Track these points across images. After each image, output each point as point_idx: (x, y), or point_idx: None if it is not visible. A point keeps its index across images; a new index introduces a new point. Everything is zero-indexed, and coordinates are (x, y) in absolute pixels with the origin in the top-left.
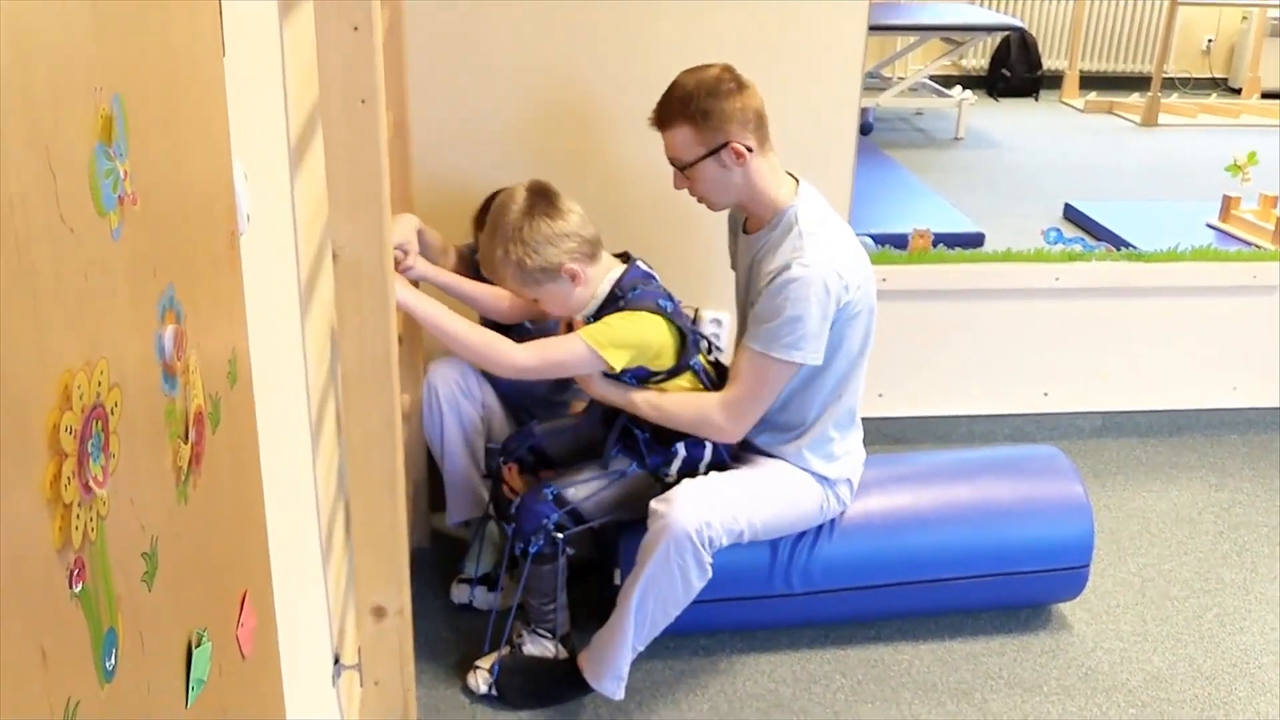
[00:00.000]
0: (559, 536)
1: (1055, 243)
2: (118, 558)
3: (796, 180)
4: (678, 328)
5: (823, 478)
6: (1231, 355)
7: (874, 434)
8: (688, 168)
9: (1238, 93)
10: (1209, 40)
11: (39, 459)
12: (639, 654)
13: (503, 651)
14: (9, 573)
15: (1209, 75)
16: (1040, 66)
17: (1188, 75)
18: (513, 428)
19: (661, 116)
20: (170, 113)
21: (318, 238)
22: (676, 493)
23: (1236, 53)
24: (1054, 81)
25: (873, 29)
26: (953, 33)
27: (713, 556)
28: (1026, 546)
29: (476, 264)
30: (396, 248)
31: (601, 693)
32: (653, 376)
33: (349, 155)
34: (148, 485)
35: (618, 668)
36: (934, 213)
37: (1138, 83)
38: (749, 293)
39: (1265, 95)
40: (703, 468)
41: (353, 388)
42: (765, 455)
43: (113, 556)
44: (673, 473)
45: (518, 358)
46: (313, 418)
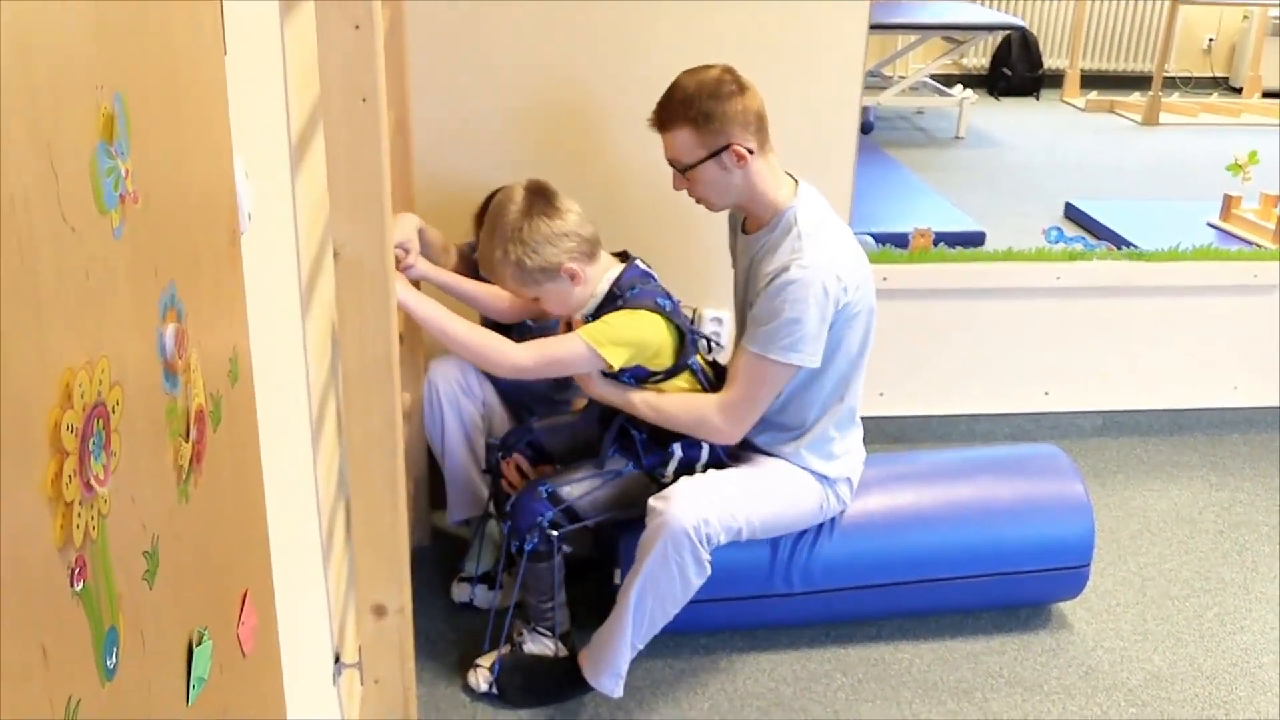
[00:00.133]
0: (553, 534)
1: (1056, 242)
2: (119, 556)
3: (795, 181)
4: (676, 327)
5: (822, 476)
6: (1232, 354)
7: (874, 433)
8: (688, 169)
9: (1239, 92)
10: (1210, 39)
11: (40, 457)
12: (639, 652)
13: (503, 650)
14: (10, 571)
15: (1210, 74)
16: (1041, 65)
17: (1189, 74)
18: (513, 425)
19: (662, 118)
20: (171, 111)
21: (319, 236)
22: (674, 490)
23: (1237, 52)
24: (1055, 80)
25: (873, 28)
26: (954, 32)
27: (711, 554)
28: (1027, 545)
29: (477, 263)
30: (397, 246)
31: (601, 691)
32: (651, 376)
33: (350, 154)
34: (149, 484)
35: (617, 666)
36: (935, 212)
37: (1139, 82)
38: (747, 293)
39: (1266, 94)
40: (699, 468)
41: (354, 386)
42: (764, 454)
43: (114, 555)
44: (669, 473)
45: (517, 357)
46: (313, 416)
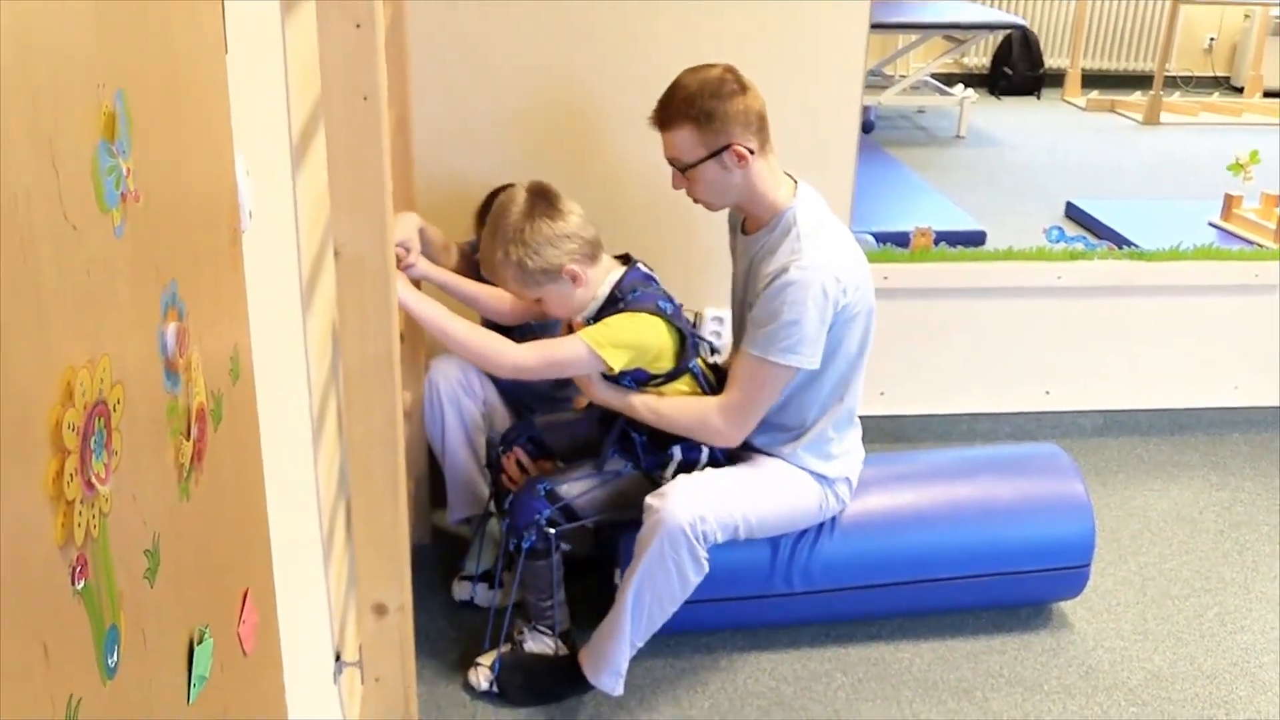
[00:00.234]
0: (551, 532)
1: (1057, 241)
2: (120, 554)
3: (795, 181)
4: (677, 330)
5: (821, 476)
6: (1233, 354)
7: (874, 432)
8: (688, 169)
9: (1240, 91)
10: (1211, 39)
11: (41, 456)
12: (640, 651)
13: (503, 648)
14: (11, 570)
15: (1211, 74)
16: (1042, 65)
17: (1190, 74)
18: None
19: (663, 117)
20: (173, 110)
21: (320, 235)
22: (671, 488)
23: (1239, 51)
24: (1056, 80)
25: (874, 27)
26: (955, 31)
27: (709, 552)
28: (1027, 545)
29: (478, 261)
30: (398, 245)
31: (601, 689)
32: (652, 379)
33: (351, 153)
34: (150, 482)
35: (616, 664)
36: (936, 211)
37: (1140, 81)
38: (746, 293)
39: (1267, 94)
40: (698, 470)
41: (354, 385)
42: (763, 454)
43: (115, 553)
44: (668, 475)
45: (517, 358)
46: (314, 415)
